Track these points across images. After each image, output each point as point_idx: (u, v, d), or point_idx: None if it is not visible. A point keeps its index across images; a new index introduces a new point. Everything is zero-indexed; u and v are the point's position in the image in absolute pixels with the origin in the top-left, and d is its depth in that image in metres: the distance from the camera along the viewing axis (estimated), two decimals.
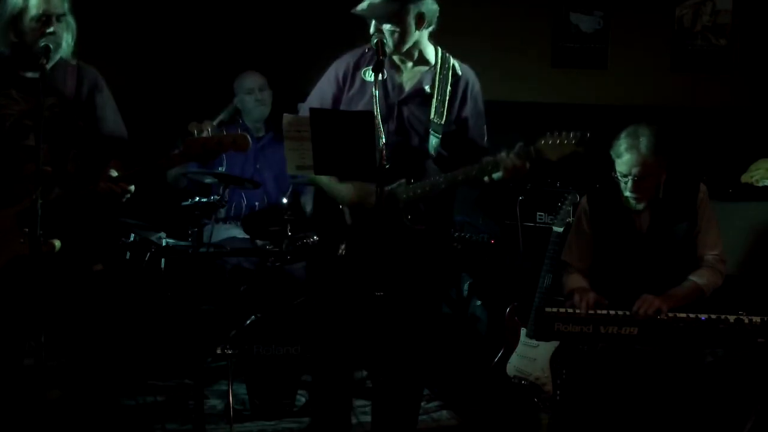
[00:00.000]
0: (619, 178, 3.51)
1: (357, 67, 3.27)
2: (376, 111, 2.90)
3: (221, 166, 4.69)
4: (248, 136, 3.12)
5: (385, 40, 3.13)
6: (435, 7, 3.22)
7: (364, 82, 3.25)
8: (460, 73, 3.31)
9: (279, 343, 4.14)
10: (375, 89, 2.96)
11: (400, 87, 3.25)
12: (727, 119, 5.40)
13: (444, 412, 4.29)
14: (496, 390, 3.83)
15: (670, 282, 3.44)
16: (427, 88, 3.24)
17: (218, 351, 4.09)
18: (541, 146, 3.08)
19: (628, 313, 3.34)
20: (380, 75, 3.02)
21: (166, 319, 4.36)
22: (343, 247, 3.22)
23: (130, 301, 4.28)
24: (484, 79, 5.45)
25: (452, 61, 3.32)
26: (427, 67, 3.27)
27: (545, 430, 3.66)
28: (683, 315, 3.29)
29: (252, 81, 4.86)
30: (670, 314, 3.30)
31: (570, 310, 3.36)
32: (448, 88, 3.25)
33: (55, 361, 3.23)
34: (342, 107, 3.24)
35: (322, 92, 3.30)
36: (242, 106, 4.90)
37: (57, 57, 3.14)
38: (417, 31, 3.19)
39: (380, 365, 3.32)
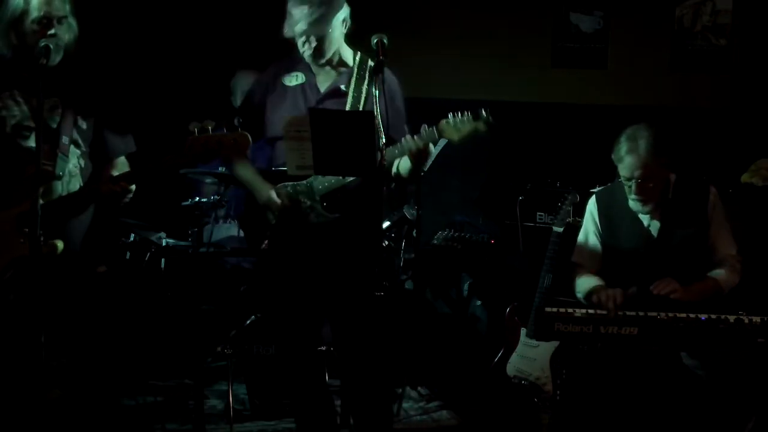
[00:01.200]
0: (623, 181, 3.49)
1: (277, 73, 3.40)
2: (376, 111, 2.91)
3: (221, 165, 4.69)
4: (248, 135, 3.12)
5: (309, 51, 3.24)
6: (349, 9, 3.34)
7: (285, 86, 3.37)
8: None
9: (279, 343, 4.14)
10: (375, 89, 2.98)
11: (317, 88, 3.35)
12: (727, 119, 5.40)
13: (444, 412, 4.30)
14: (496, 390, 3.82)
15: (682, 284, 3.43)
16: (342, 87, 3.33)
17: (218, 351, 4.09)
18: (443, 126, 3.12)
19: (628, 313, 3.34)
20: (379, 75, 3.04)
21: (166, 319, 4.36)
22: (265, 242, 3.31)
23: (131, 301, 4.28)
24: (484, 80, 5.51)
25: (371, 63, 3.37)
26: (344, 69, 3.36)
27: (545, 430, 3.66)
28: (683, 315, 3.28)
29: (246, 83, 4.86)
30: (670, 314, 3.30)
31: (570, 310, 3.35)
32: (364, 86, 3.32)
33: (55, 361, 3.23)
34: (267, 111, 3.36)
35: (247, 100, 3.45)
36: (237, 105, 4.91)
37: (58, 58, 3.14)
38: (341, 37, 3.31)
39: (341, 357, 3.40)
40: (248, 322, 4.23)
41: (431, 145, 3.15)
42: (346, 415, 3.80)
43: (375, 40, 3.15)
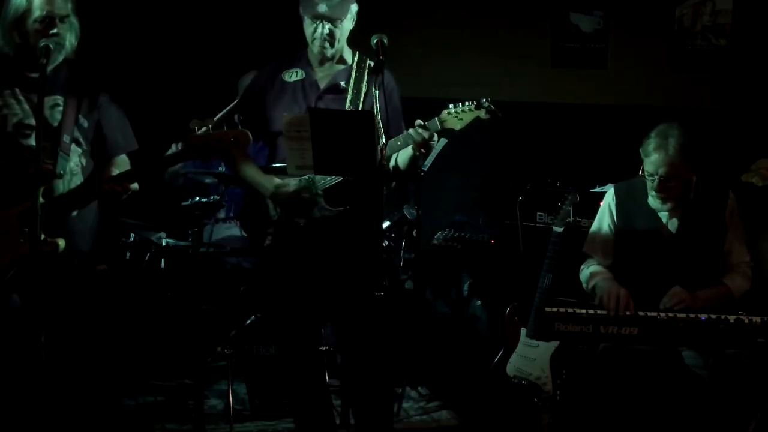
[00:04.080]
0: (646, 176, 3.49)
1: (277, 70, 3.42)
2: (376, 111, 2.91)
3: (221, 165, 4.69)
4: (248, 133, 3.12)
5: (320, 39, 3.26)
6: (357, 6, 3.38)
7: (284, 83, 3.39)
8: None
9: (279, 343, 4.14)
10: (375, 89, 2.98)
11: (316, 84, 3.37)
12: (727, 119, 5.40)
13: (444, 412, 4.30)
14: (496, 390, 3.82)
15: (695, 284, 3.43)
16: (342, 83, 3.35)
17: (218, 351, 4.09)
18: (444, 116, 3.13)
19: (628, 313, 3.33)
20: (379, 75, 3.04)
21: (166, 319, 4.36)
22: (269, 239, 3.31)
23: (131, 301, 4.28)
24: (484, 80, 5.51)
25: (369, 61, 3.41)
26: (343, 66, 3.39)
27: (545, 430, 3.66)
28: (683, 315, 3.28)
29: None
30: (670, 314, 3.30)
31: (570, 310, 3.35)
32: (363, 84, 3.35)
33: (54, 361, 3.22)
34: (267, 107, 3.38)
35: (248, 95, 3.48)
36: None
37: (60, 57, 3.15)
38: (348, 31, 3.34)
39: (342, 355, 3.38)
40: (248, 322, 4.22)
41: (435, 137, 3.16)
42: (346, 415, 3.81)
43: (375, 40, 3.15)
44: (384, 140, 2.94)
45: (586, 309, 3.38)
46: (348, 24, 3.33)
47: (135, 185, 3.13)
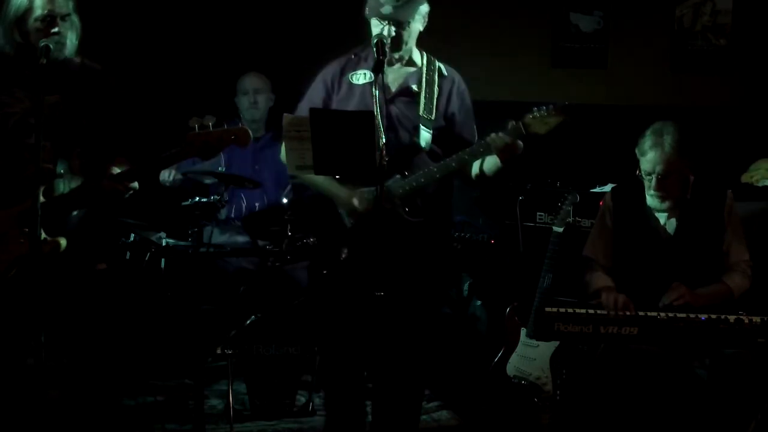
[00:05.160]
0: (643, 176, 3.50)
1: (343, 72, 3.35)
2: (376, 111, 2.91)
3: (220, 166, 4.69)
4: (249, 131, 3.12)
5: (386, 42, 3.18)
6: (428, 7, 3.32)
7: (351, 85, 3.33)
8: (446, 73, 3.38)
9: (279, 343, 4.15)
10: (375, 89, 2.98)
11: (387, 87, 3.30)
12: (727, 119, 5.40)
13: (444, 412, 4.29)
14: (496, 390, 3.82)
15: (694, 284, 3.43)
16: (414, 86, 3.31)
17: (218, 351, 4.09)
18: (529, 120, 3.13)
19: (628, 312, 3.34)
20: (380, 75, 3.05)
21: (166, 319, 4.36)
22: (345, 251, 3.27)
23: (131, 301, 4.28)
24: (484, 80, 5.51)
25: (438, 63, 3.39)
26: (413, 69, 3.34)
27: (545, 430, 3.66)
28: (683, 315, 3.28)
29: (249, 83, 4.88)
30: (670, 314, 3.30)
31: (570, 310, 3.35)
32: (435, 86, 3.31)
33: (55, 361, 3.23)
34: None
35: (311, 99, 3.36)
36: (239, 105, 4.92)
37: (61, 56, 3.14)
38: (417, 32, 3.28)
39: (383, 366, 3.35)
40: (248, 322, 4.23)
41: (520, 141, 3.13)
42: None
43: (375, 40, 3.15)
44: (384, 140, 2.92)
45: (586, 309, 3.38)
46: (417, 25, 3.25)
47: (135, 184, 3.13)
